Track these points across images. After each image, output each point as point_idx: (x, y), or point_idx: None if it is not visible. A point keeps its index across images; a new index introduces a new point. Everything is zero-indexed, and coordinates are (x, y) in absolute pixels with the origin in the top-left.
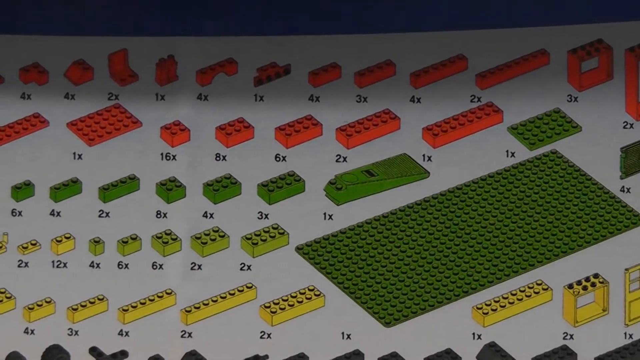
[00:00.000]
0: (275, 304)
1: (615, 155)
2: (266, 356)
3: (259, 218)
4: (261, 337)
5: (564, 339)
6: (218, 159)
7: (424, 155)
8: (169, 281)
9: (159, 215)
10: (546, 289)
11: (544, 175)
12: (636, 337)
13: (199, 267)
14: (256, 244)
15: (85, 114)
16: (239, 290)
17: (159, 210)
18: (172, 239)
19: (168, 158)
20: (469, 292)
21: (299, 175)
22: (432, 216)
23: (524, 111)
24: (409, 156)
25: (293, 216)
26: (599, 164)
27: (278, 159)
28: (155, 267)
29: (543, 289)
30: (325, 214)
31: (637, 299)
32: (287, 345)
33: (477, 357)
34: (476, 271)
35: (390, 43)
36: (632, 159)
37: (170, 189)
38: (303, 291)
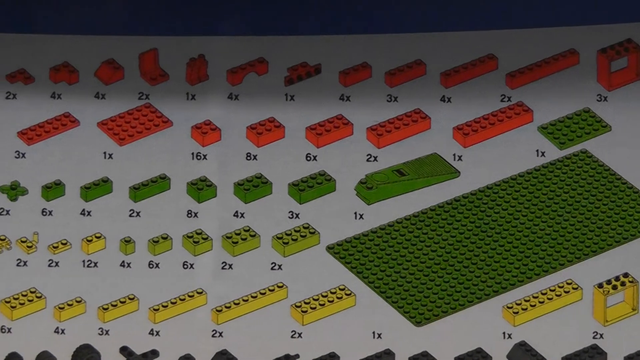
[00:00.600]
0: (306, 303)
1: None
2: (297, 355)
3: (289, 217)
4: (292, 337)
5: (593, 338)
6: (249, 158)
7: (454, 154)
8: (200, 281)
9: (189, 215)
10: (576, 289)
11: (574, 174)
12: None
13: (230, 267)
14: (287, 243)
15: (115, 113)
16: (269, 290)
17: (190, 210)
18: (203, 239)
19: (199, 157)
20: (499, 292)
21: (329, 175)
22: (463, 215)
23: (554, 111)
24: (439, 156)
25: (324, 215)
26: (629, 163)
27: (309, 159)
28: (186, 267)
29: (573, 289)
30: (356, 213)
31: None
32: (318, 344)
33: (508, 357)
34: (506, 270)
35: (420, 43)
36: None
37: (201, 189)
38: (334, 290)
